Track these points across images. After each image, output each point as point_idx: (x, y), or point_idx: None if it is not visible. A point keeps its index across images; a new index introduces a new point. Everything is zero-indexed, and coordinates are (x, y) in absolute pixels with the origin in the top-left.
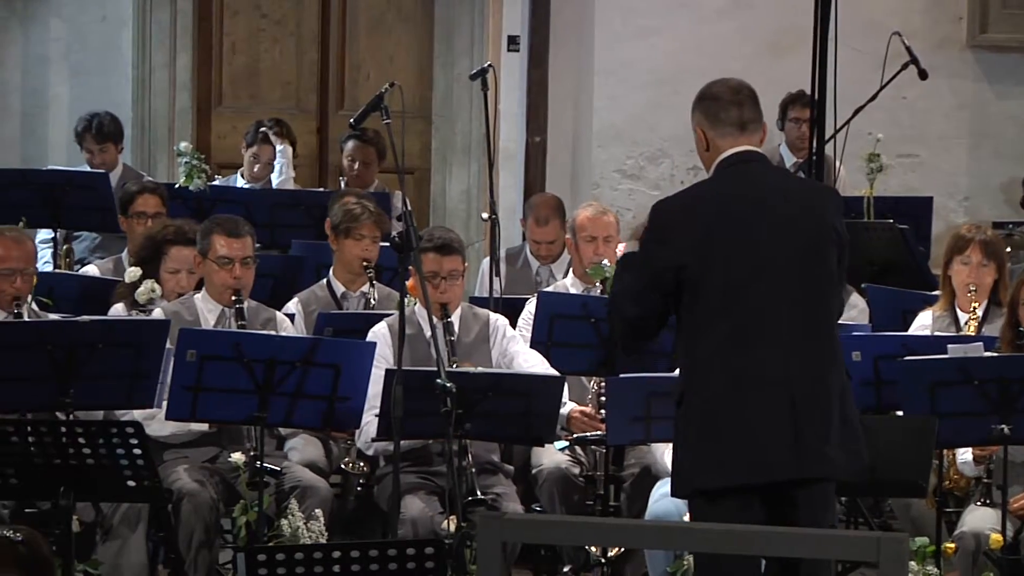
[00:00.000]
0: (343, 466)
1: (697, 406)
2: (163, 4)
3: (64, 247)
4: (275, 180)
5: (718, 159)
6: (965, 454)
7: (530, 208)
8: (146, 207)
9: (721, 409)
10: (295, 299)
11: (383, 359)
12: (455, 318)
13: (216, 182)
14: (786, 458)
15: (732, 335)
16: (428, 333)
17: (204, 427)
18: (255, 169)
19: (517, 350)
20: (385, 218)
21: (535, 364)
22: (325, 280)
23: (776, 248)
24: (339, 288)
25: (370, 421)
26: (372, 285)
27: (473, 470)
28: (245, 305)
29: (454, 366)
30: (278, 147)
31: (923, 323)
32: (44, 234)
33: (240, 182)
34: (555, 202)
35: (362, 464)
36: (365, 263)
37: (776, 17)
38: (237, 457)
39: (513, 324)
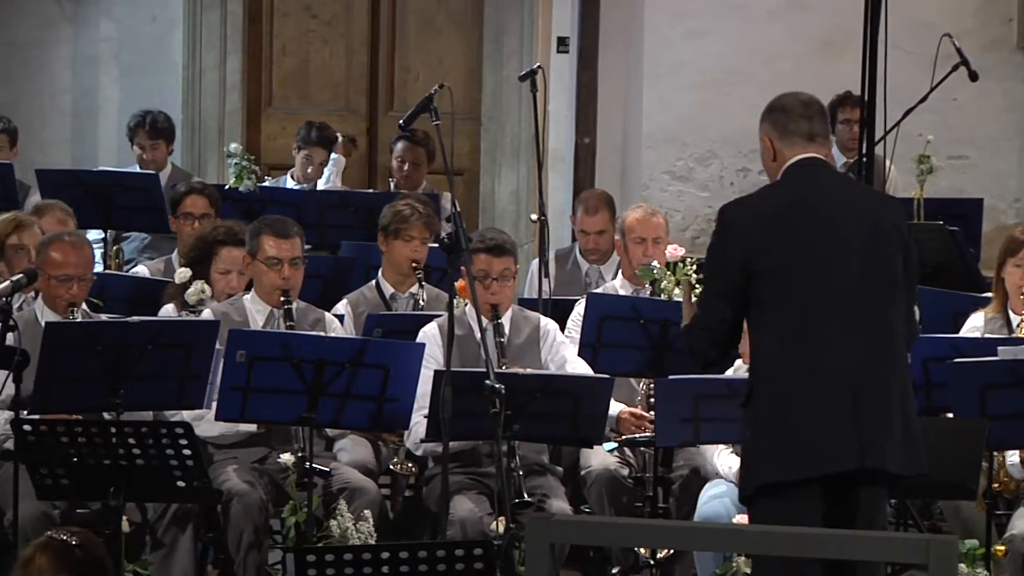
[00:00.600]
0: (392, 467)
1: (763, 402)
2: (213, 5)
3: (113, 248)
4: (320, 185)
5: (784, 166)
6: (1014, 456)
7: (579, 201)
8: (194, 208)
9: (786, 403)
10: (344, 300)
11: (433, 359)
12: (505, 320)
13: (266, 183)
14: (849, 449)
15: (796, 331)
16: (478, 334)
17: (252, 428)
18: (308, 170)
19: (566, 356)
20: (434, 219)
21: (583, 373)
22: (374, 281)
23: (839, 248)
24: (388, 289)
25: (419, 422)
26: (421, 286)
27: (520, 472)
28: (294, 306)
29: (503, 368)
30: (333, 155)
31: (974, 325)
32: (94, 235)
33: (290, 183)
34: (605, 195)
35: (411, 465)
36: (414, 264)
37: (826, 18)
38: (286, 458)
39: (562, 325)
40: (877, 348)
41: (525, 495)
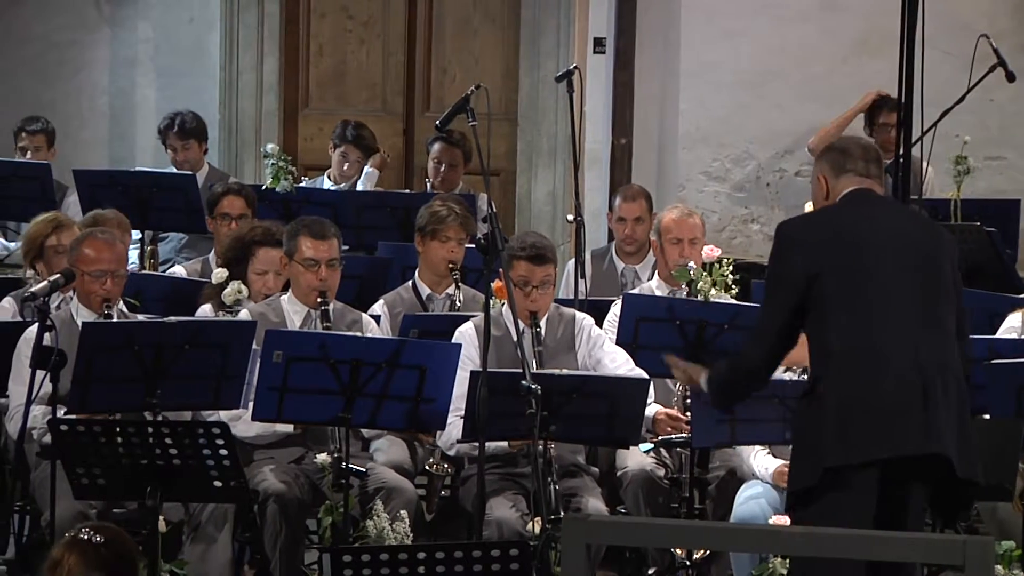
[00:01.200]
0: (428, 468)
1: (831, 390)
2: (250, 6)
3: (150, 248)
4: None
5: (839, 197)
6: None
7: (618, 192)
8: (231, 209)
9: (856, 389)
10: (380, 301)
11: (469, 360)
12: (542, 322)
13: (303, 184)
14: (916, 435)
15: (865, 327)
16: (515, 335)
17: (289, 428)
18: (343, 168)
19: (604, 350)
20: (471, 220)
21: (621, 364)
22: (411, 282)
23: (896, 256)
24: (424, 290)
25: (453, 423)
26: (457, 287)
27: (556, 487)
28: (331, 307)
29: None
30: (367, 168)
31: (1011, 326)
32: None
33: (327, 183)
34: (642, 188)
35: (447, 466)
36: (451, 265)
37: (863, 19)
38: (322, 458)
39: (598, 325)
40: (940, 348)
41: (561, 511)
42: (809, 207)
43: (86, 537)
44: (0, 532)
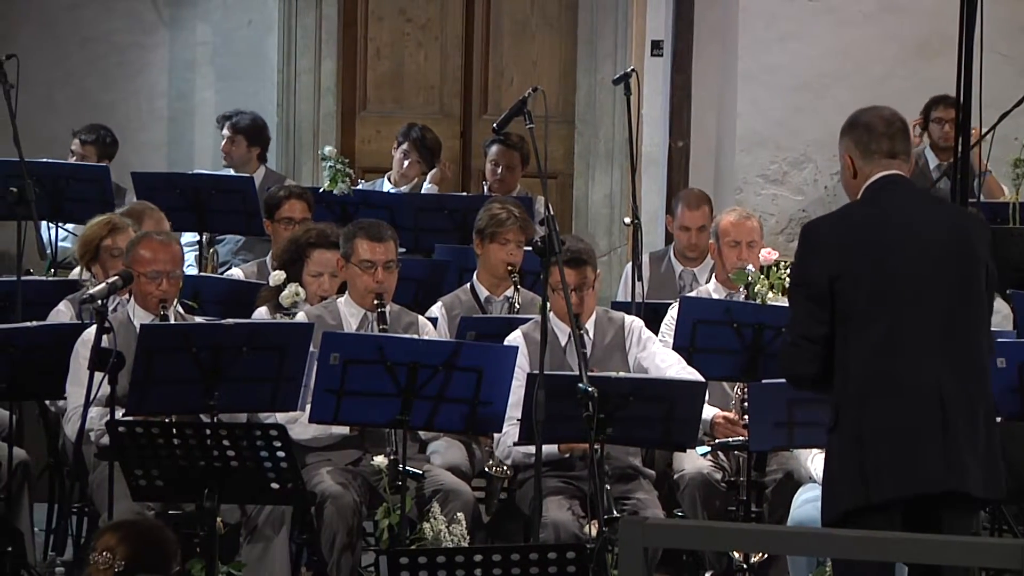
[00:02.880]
0: (487, 469)
1: (848, 424)
2: (309, 9)
3: (208, 250)
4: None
5: (866, 184)
6: None
7: (679, 198)
8: (292, 213)
9: (871, 424)
10: (439, 303)
11: (519, 367)
12: (589, 325)
13: (359, 186)
14: (935, 471)
15: (883, 348)
16: (563, 341)
17: (345, 431)
18: (403, 166)
19: (654, 351)
20: (530, 223)
21: (672, 364)
22: (469, 284)
23: (924, 265)
24: (483, 292)
25: (508, 431)
26: (516, 290)
27: (608, 487)
28: (387, 309)
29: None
30: (427, 184)
31: None
32: (189, 237)
33: (387, 186)
34: (704, 193)
35: (506, 468)
36: (510, 267)
37: (921, 22)
38: (380, 460)
39: (655, 329)
40: (964, 366)
41: (615, 511)
42: None
43: (127, 519)
44: (58, 534)
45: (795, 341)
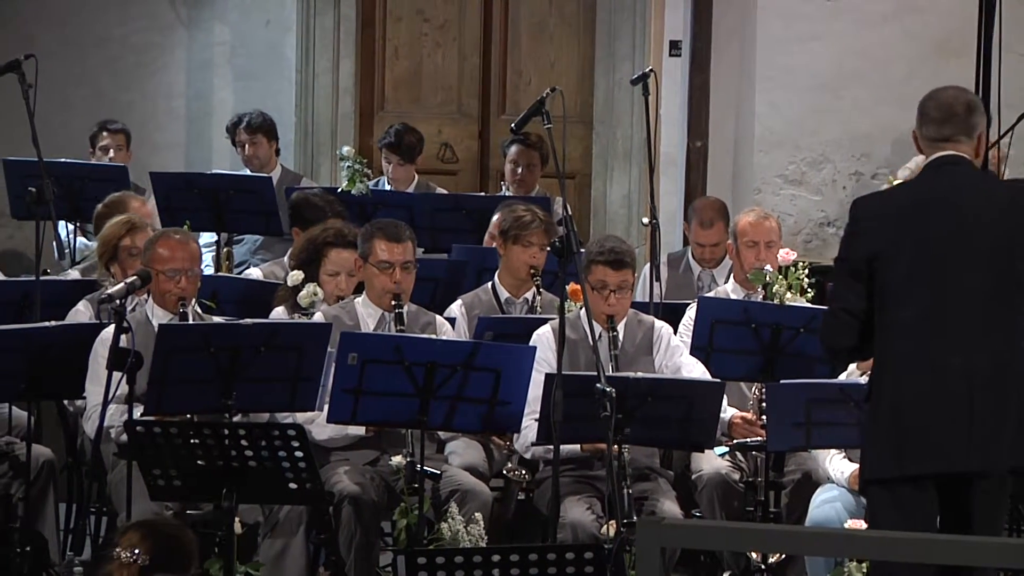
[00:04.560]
0: (505, 473)
1: (883, 397)
2: (327, 9)
3: (226, 250)
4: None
5: (925, 163)
6: None
7: (694, 211)
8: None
9: (904, 400)
10: (458, 301)
11: (545, 363)
12: (620, 325)
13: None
14: (962, 450)
15: (920, 328)
16: (591, 340)
17: (361, 431)
18: (389, 171)
19: (681, 360)
20: (554, 226)
21: (697, 376)
22: (490, 284)
23: (965, 246)
24: (503, 293)
25: (529, 426)
26: (539, 292)
27: (630, 491)
28: (405, 309)
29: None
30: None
31: None
32: (207, 237)
33: (387, 187)
34: (719, 205)
35: (524, 472)
36: (532, 270)
37: (941, 22)
38: (397, 460)
39: (674, 329)
40: (1000, 349)
41: (634, 516)
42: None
43: (151, 519)
44: (77, 533)
45: (835, 312)
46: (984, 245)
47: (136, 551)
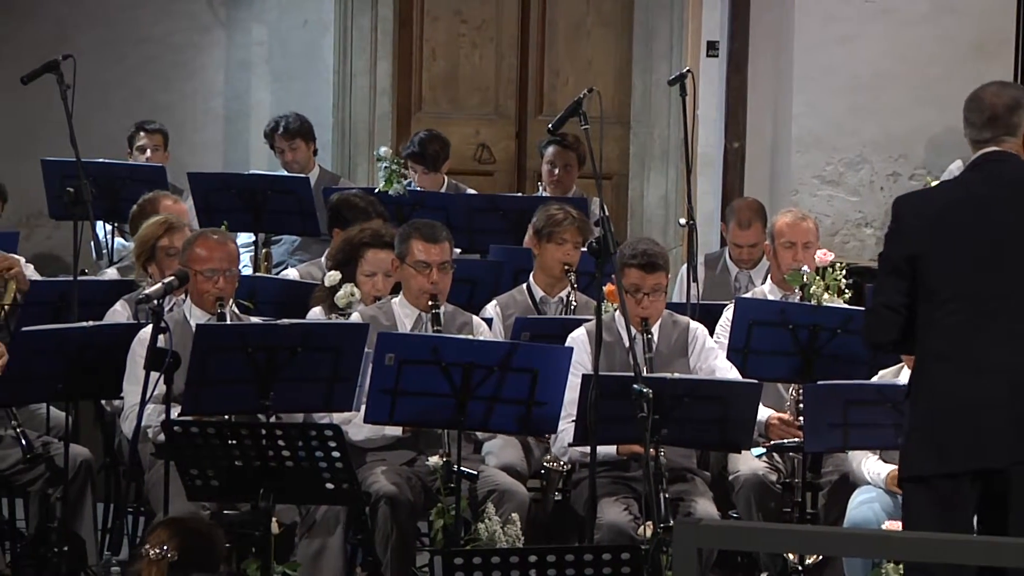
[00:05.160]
0: (545, 464)
1: (922, 396)
2: (364, 10)
3: (264, 251)
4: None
5: (969, 161)
6: None
7: (731, 212)
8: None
9: (942, 397)
10: (494, 302)
11: (581, 365)
12: (655, 329)
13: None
14: (1002, 444)
15: (957, 324)
16: (626, 341)
17: (398, 431)
18: (415, 180)
19: (716, 363)
20: (588, 224)
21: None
22: (525, 285)
23: (1006, 244)
24: (538, 292)
25: (565, 429)
26: (573, 288)
27: (667, 494)
28: (442, 310)
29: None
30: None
31: None
32: (245, 237)
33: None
34: (757, 206)
35: (563, 463)
36: (566, 267)
37: (978, 22)
38: (434, 460)
39: (711, 330)
40: None
41: (671, 517)
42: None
43: (179, 516)
44: (114, 533)
45: (876, 308)
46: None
47: (164, 547)
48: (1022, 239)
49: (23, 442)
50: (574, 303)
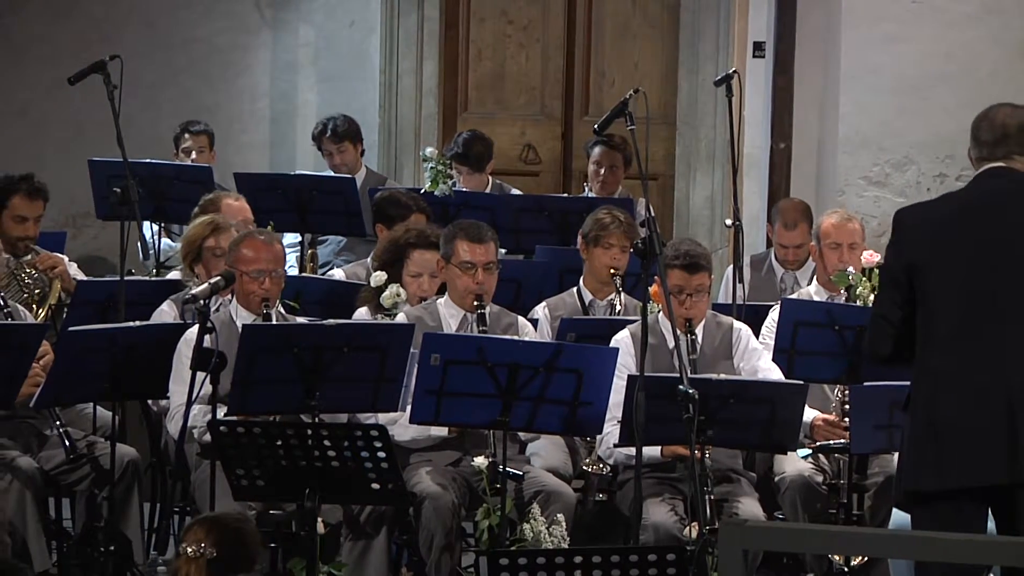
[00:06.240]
0: (585, 467)
1: (918, 408)
2: (410, 11)
3: (310, 251)
4: None
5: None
6: None
7: (777, 213)
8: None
9: (939, 410)
10: (543, 304)
11: (625, 367)
12: (698, 330)
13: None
14: (1001, 462)
15: (957, 339)
16: (671, 343)
17: (443, 432)
18: (460, 181)
19: (759, 365)
20: (635, 228)
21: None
22: (575, 288)
23: (1006, 256)
24: (587, 296)
25: (611, 431)
26: (618, 292)
27: (712, 495)
28: (487, 310)
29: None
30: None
31: None
32: (291, 238)
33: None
34: (803, 207)
35: (604, 465)
36: (613, 271)
37: None
38: (480, 461)
39: (756, 331)
40: None
41: (717, 518)
42: None
43: (214, 515)
44: (160, 533)
45: (874, 319)
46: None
47: (202, 545)
48: (1021, 253)
49: (66, 443)
50: (619, 307)
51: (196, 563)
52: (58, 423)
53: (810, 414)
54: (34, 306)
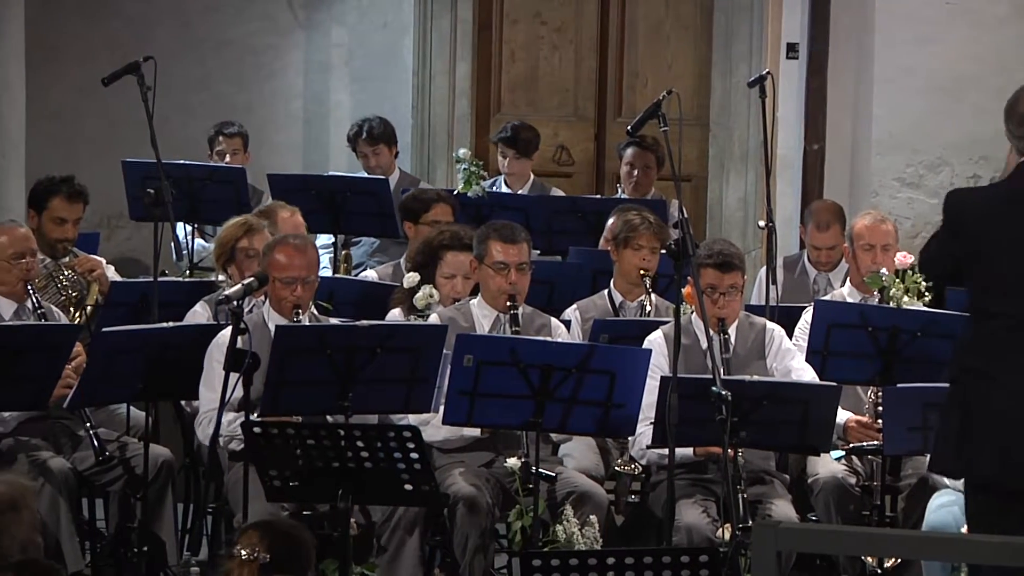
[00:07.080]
0: (616, 468)
1: (957, 394)
2: (444, 12)
3: (343, 252)
4: None
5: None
6: None
7: (810, 214)
8: (443, 216)
9: (975, 402)
10: (574, 306)
11: (658, 368)
12: (731, 328)
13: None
14: (1019, 462)
15: (1002, 325)
16: (704, 343)
17: (476, 433)
18: (506, 167)
19: (793, 364)
20: (665, 229)
21: (808, 381)
22: (606, 290)
23: None
24: (618, 297)
25: (644, 432)
26: (648, 293)
27: (745, 495)
28: (520, 311)
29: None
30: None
31: None
32: (324, 239)
33: (504, 188)
34: (836, 208)
35: (634, 466)
36: (643, 273)
37: None
38: (512, 462)
39: (789, 333)
40: None
41: (750, 519)
42: None
43: (269, 519)
44: (194, 534)
45: (928, 259)
46: None
47: (256, 549)
48: None
49: (95, 444)
50: (649, 308)
51: (249, 567)
52: (88, 424)
53: (843, 416)
54: (71, 308)
